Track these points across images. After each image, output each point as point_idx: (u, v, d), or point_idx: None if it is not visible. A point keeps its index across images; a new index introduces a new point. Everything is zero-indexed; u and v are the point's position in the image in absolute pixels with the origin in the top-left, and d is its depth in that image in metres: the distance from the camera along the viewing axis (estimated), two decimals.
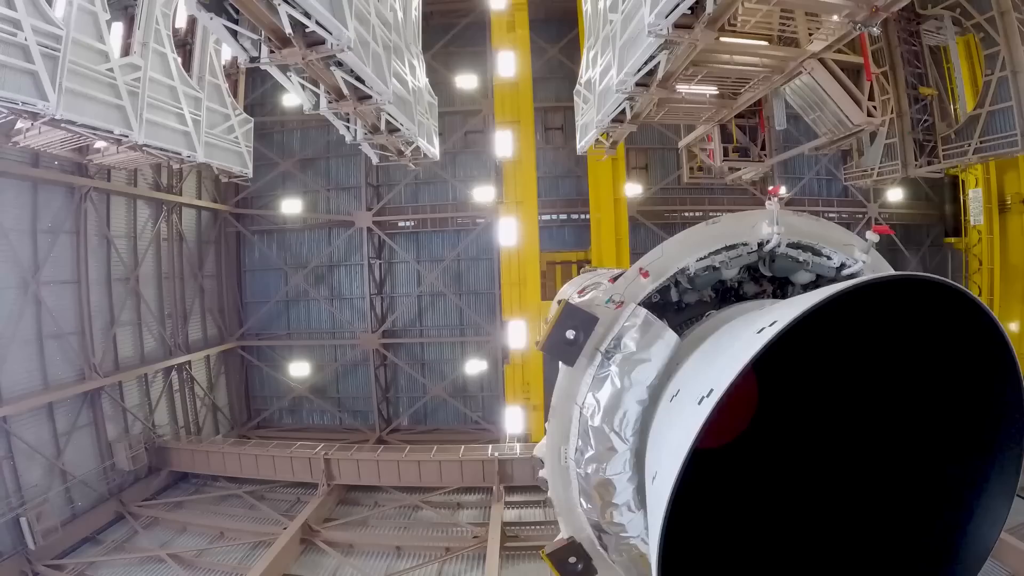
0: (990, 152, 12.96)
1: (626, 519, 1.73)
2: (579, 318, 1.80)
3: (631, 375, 1.70)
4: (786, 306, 1.37)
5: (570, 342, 1.79)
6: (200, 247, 21.13)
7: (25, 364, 13.90)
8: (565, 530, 1.97)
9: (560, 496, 1.92)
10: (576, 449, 1.80)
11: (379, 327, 21.77)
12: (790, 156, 16.37)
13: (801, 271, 1.97)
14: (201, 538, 14.78)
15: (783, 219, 1.89)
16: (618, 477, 1.70)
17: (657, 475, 1.36)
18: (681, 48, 7.25)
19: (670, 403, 1.56)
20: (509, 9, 17.26)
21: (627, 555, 1.81)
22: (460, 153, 21.73)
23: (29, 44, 7.76)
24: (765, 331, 1.20)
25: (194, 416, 20.09)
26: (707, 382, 1.25)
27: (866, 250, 1.92)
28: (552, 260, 18.94)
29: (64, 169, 14.66)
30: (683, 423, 1.28)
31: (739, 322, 1.66)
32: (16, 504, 13.02)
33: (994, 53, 12.28)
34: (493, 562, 12.56)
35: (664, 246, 1.99)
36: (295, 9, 6.23)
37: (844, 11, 6.69)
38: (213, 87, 13.01)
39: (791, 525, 1.78)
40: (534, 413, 17.59)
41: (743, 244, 1.94)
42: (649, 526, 1.49)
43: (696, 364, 1.59)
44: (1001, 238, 18.86)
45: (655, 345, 1.71)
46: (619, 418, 1.69)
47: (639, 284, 1.88)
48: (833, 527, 1.74)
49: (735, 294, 2.10)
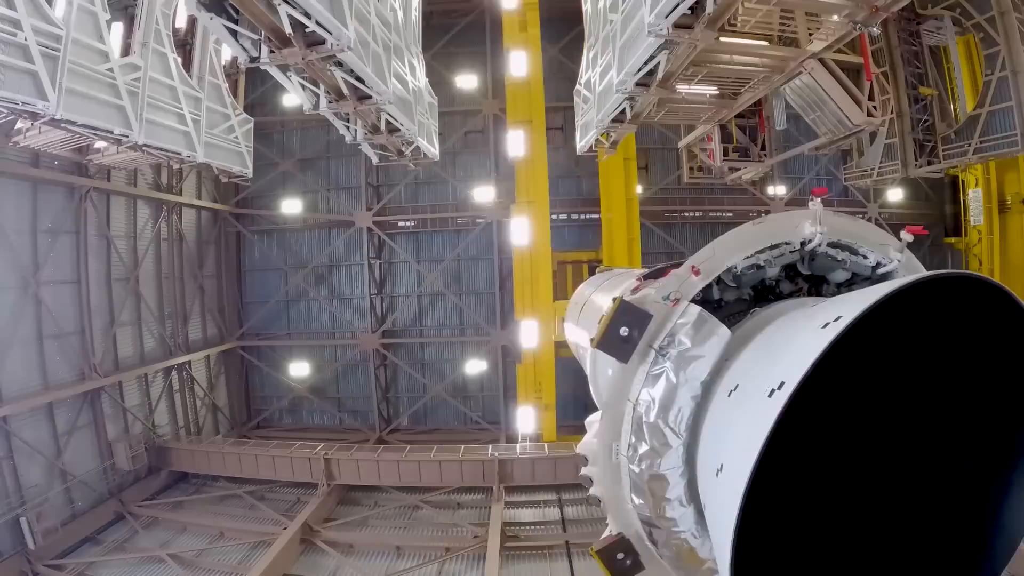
0: (990, 152, 12.96)
1: (678, 513, 1.76)
2: (633, 315, 1.82)
3: (686, 371, 1.72)
4: (842, 302, 1.40)
5: (624, 339, 1.81)
6: (200, 247, 21.13)
7: (25, 364, 13.90)
8: (614, 526, 1.99)
9: (610, 492, 1.94)
10: (628, 445, 1.82)
11: (379, 327, 21.77)
12: (790, 156, 16.38)
13: (839, 270, 2.01)
14: (201, 538, 14.78)
15: (825, 219, 1.93)
16: (671, 472, 1.73)
17: (724, 468, 1.38)
18: (681, 48, 7.24)
19: (728, 397, 1.57)
20: (520, 8, 17.23)
21: (676, 549, 1.83)
22: (460, 153, 21.74)
23: (29, 44, 7.75)
24: (831, 326, 1.22)
25: (194, 416, 20.09)
26: (775, 375, 1.27)
27: (900, 250, 1.95)
28: (563, 260, 18.93)
29: (64, 169, 14.66)
30: (752, 416, 1.29)
31: (791, 319, 1.69)
32: (16, 504, 13.01)
33: (994, 53, 12.27)
34: (493, 562, 12.56)
35: (715, 245, 2.04)
36: (295, 9, 6.22)
37: (844, 11, 6.69)
38: (213, 87, 13.00)
39: (831, 514, 1.81)
40: (546, 413, 17.60)
41: (786, 243, 1.98)
42: (712, 518, 1.51)
43: (753, 359, 1.61)
44: (1001, 238, 18.86)
45: (709, 341, 1.74)
46: (674, 414, 1.71)
47: (691, 282, 1.91)
48: (867, 518, 1.78)
49: (772, 292, 2.14)
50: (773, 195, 21.35)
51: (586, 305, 5.09)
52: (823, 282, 2.12)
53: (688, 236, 21.76)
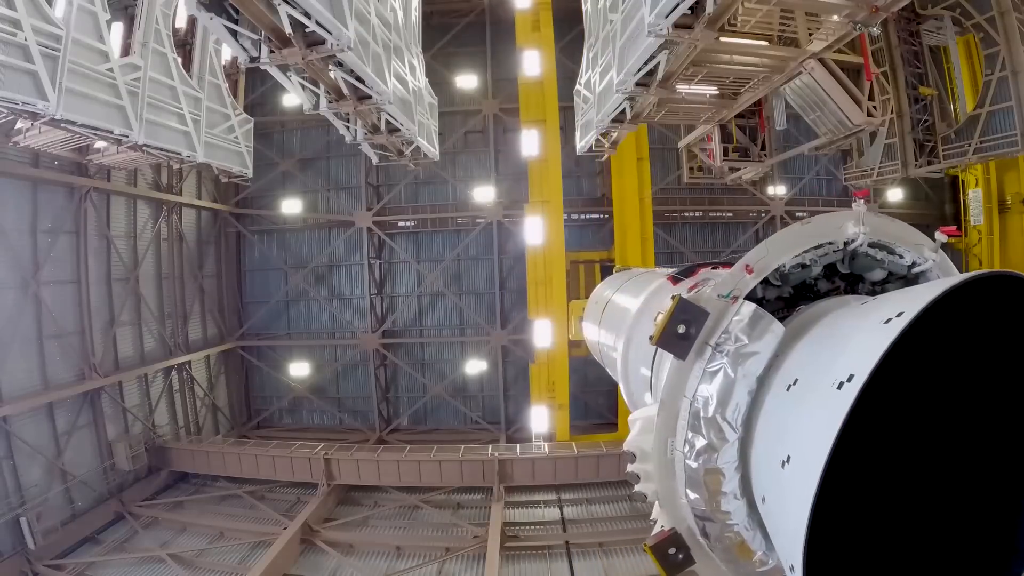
0: (990, 152, 12.96)
1: (732, 507, 1.82)
2: (691, 312, 1.86)
3: (743, 367, 1.78)
4: (898, 299, 1.47)
5: (682, 336, 1.86)
6: (200, 247, 21.13)
7: (25, 364, 13.90)
8: (666, 521, 2.04)
9: (664, 488, 1.98)
10: (685, 441, 1.86)
11: (379, 327, 21.77)
12: (790, 156, 16.38)
13: (877, 269, 2.10)
14: (201, 538, 14.78)
15: (867, 219, 2.01)
16: (727, 466, 1.79)
17: (791, 459, 1.42)
18: (681, 48, 7.25)
19: (787, 392, 1.62)
20: (534, 8, 17.26)
21: (728, 542, 1.88)
22: (460, 153, 21.74)
23: (29, 44, 7.75)
24: (894, 321, 1.29)
25: (194, 416, 20.09)
26: (842, 369, 1.32)
27: (935, 250, 2.03)
28: (575, 260, 18.96)
29: (64, 169, 14.66)
30: (821, 408, 1.35)
31: (843, 315, 1.76)
32: (16, 504, 13.01)
33: (994, 53, 12.27)
34: (493, 562, 12.56)
35: (768, 244, 2.08)
36: (295, 9, 6.23)
37: (844, 11, 6.69)
38: (213, 87, 12.99)
39: (871, 504, 1.87)
40: (559, 412, 17.65)
41: (830, 243, 2.05)
42: (778, 507, 1.55)
43: (811, 353, 1.67)
44: (1001, 238, 18.86)
45: (764, 337, 1.79)
46: (732, 408, 1.77)
47: (745, 280, 1.96)
48: (902, 512, 1.85)
49: (810, 290, 2.21)
50: (773, 195, 21.34)
51: (608, 305, 5.13)
52: (859, 281, 2.19)
53: (688, 236, 21.77)
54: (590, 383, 20.29)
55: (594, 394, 20.92)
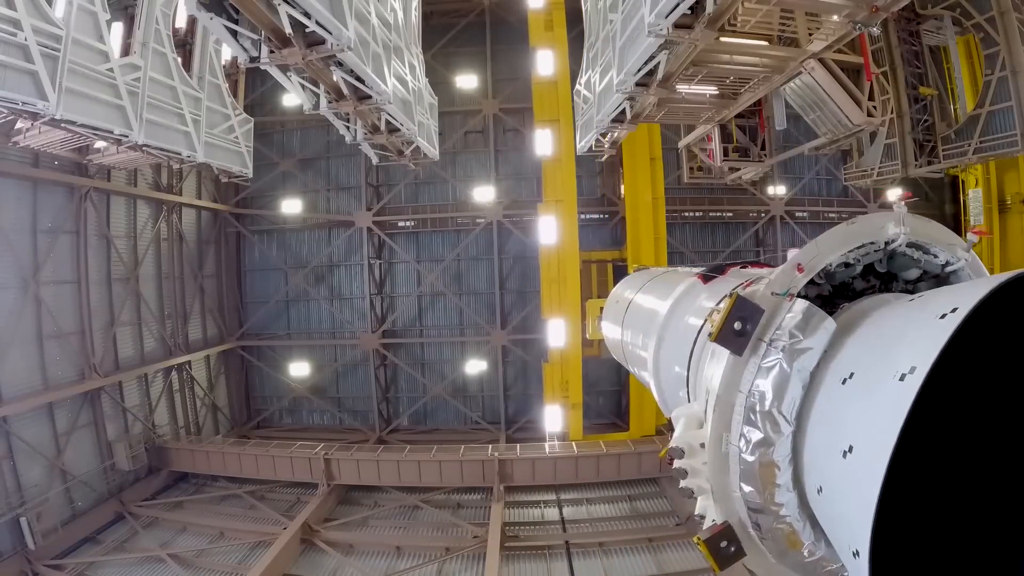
0: (990, 152, 12.94)
1: (785, 499, 1.88)
2: (747, 309, 1.93)
3: (797, 361, 1.84)
4: (949, 295, 1.54)
5: (739, 332, 1.93)
6: (200, 247, 21.13)
7: (25, 364, 13.90)
8: (719, 515, 2.10)
9: (718, 482, 2.04)
10: (740, 435, 1.93)
11: (379, 327, 21.77)
12: (790, 156, 16.38)
13: (912, 268, 2.19)
14: (201, 538, 14.79)
15: (908, 221, 2.11)
16: (782, 459, 1.85)
17: (854, 449, 1.48)
18: (681, 48, 7.25)
19: (842, 385, 1.68)
20: (547, 7, 17.27)
21: (780, 533, 1.95)
22: (460, 153, 21.73)
23: (29, 44, 7.75)
24: (949, 317, 1.35)
25: (194, 416, 20.09)
26: (903, 361, 1.38)
27: (967, 249, 2.15)
28: (587, 259, 19.00)
29: (64, 169, 14.66)
30: (883, 398, 1.41)
31: (893, 311, 1.82)
32: (16, 504, 13.02)
33: (994, 53, 12.25)
34: (493, 562, 12.56)
35: (818, 243, 2.15)
36: (295, 9, 6.23)
37: (844, 11, 6.69)
38: (213, 87, 12.99)
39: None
40: (573, 411, 17.66)
41: (871, 243, 2.14)
42: (840, 497, 1.60)
43: (864, 348, 1.73)
44: (1001, 238, 18.84)
45: (817, 333, 1.85)
46: (788, 402, 1.83)
47: (797, 279, 2.04)
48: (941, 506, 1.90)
49: (848, 288, 2.29)
50: (773, 195, 21.34)
51: (631, 305, 5.20)
52: (893, 279, 2.28)
53: (688, 236, 21.77)
54: (590, 383, 20.27)
55: (594, 394, 20.92)
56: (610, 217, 21.24)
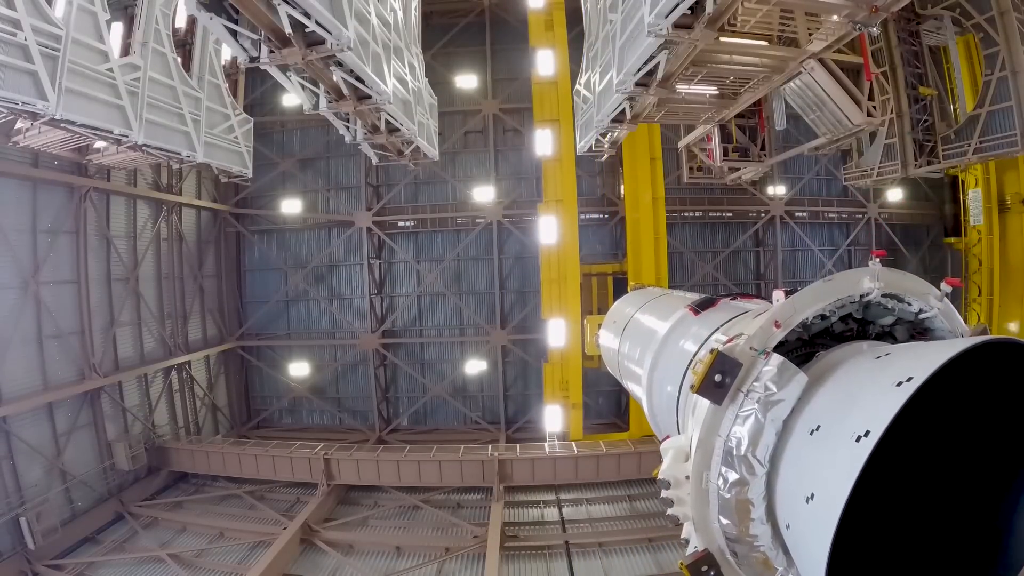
0: (990, 152, 12.94)
1: (759, 531, 2.07)
2: (727, 364, 2.13)
3: (771, 412, 2.02)
4: (907, 358, 1.75)
5: (718, 384, 2.13)
6: (200, 247, 21.12)
7: (25, 364, 13.90)
8: (699, 542, 2.29)
9: (699, 514, 2.26)
10: (719, 475, 2.14)
11: (379, 327, 21.77)
12: (790, 156, 16.38)
13: (887, 316, 2.39)
14: (201, 538, 14.79)
15: (882, 276, 2.29)
16: (756, 496, 2.04)
17: (815, 496, 1.67)
18: (681, 48, 7.24)
19: (810, 436, 1.87)
20: (547, 7, 17.28)
21: (754, 561, 2.15)
22: (460, 153, 21.73)
23: (29, 44, 7.74)
24: (904, 386, 1.53)
25: (194, 416, 20.09)
26: (860, 423, 1.56)
27: (940, 299, 2.31)
28: (588, 272, 18.99)
29: (64, 169, 14.66)
30: (842, 455, 1.58)
31: (858, 367, 2.01)
32: (16, 504, 13.02)
33: (994, 53, 12.25)
34: (493, 562, 12.56)
35: (794, 301, 2.31)
36: (295, 9, 6.22)
37: (844, 11, 6.68)
38: (213, 87, 12.98)
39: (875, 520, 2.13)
40: (573, 411, 17.68)
41: (847, 296, 2.31)
42: (802, 535, 1.80)
43: (830, 402, 1.92)
44: (1001, 238, 18.85)
45: (789, 386, 2.03)
46: (762, 448, 2.02)
47: (774, 335, 2.22)
48: (900, 524, 2.14)
49: (826, 332, 2.46)
50: (773, 195, 21.34)
51: (631, 322, 5.59)
52: (870, 324, 2.46)
53: (688, 236, 21.77)
54: (590, 383, 20.26)
55: (594, 394, 20.94)
56: (610, 217, 21.24)
